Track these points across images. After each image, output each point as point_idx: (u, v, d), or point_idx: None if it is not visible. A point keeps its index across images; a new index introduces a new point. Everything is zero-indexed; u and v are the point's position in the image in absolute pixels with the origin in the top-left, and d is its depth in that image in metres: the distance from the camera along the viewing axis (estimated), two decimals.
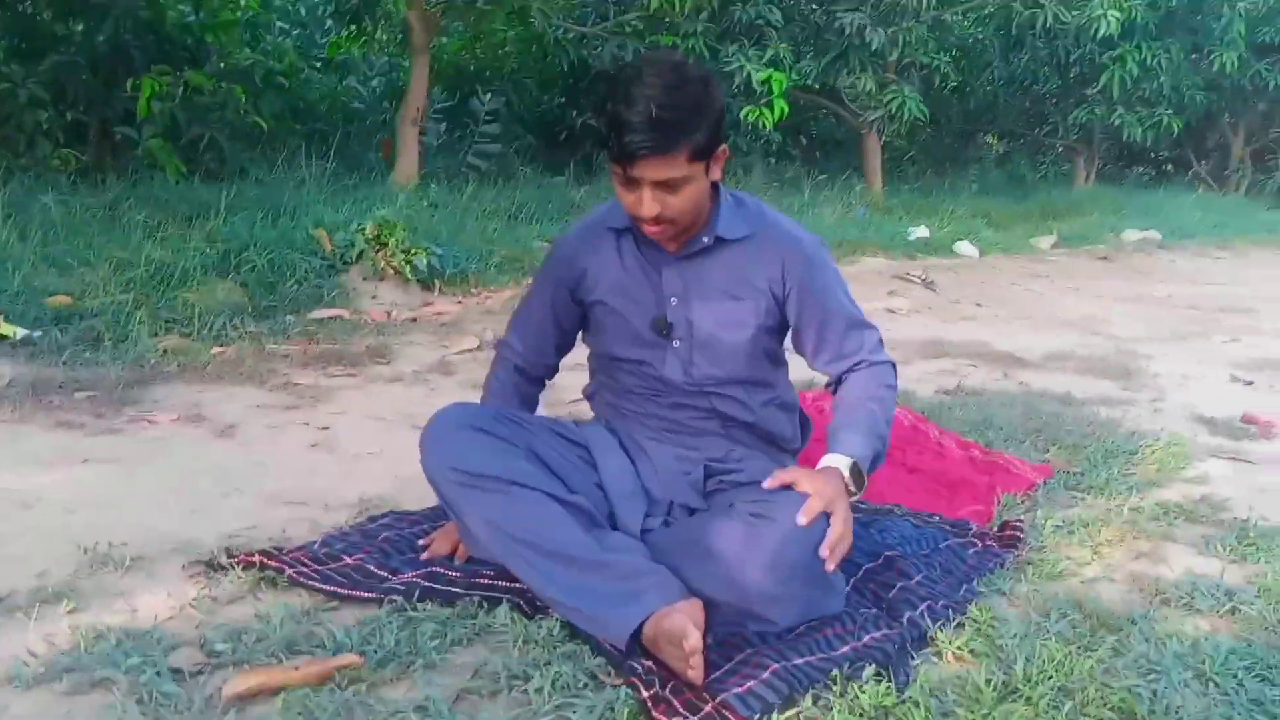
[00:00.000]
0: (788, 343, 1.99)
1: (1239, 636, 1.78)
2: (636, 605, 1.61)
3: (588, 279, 1.94)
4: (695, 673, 1.51)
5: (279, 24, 9.07)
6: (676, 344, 1.89)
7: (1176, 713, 1.50)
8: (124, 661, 1.52)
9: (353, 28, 8.43)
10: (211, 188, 5.36)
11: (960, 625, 1.78)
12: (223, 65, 7.08)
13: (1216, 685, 1.60)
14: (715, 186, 1.84)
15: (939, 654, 1.69)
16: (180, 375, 3.24)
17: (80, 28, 6.76)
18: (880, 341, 1.96)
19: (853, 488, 1.75)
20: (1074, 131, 11.70)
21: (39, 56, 6.37)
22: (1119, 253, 8.40)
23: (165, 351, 3.42)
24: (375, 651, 1.59)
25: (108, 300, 3.66)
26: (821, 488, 1.69)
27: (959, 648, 1.69)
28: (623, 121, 1.62)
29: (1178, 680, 1.60)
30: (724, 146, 1.75)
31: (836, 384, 1.96)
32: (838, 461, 1.76)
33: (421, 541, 1.99)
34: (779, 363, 1.99)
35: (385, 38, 9.70)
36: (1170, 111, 10.79)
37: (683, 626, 1.53)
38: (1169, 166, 15.66)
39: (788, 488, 1.72)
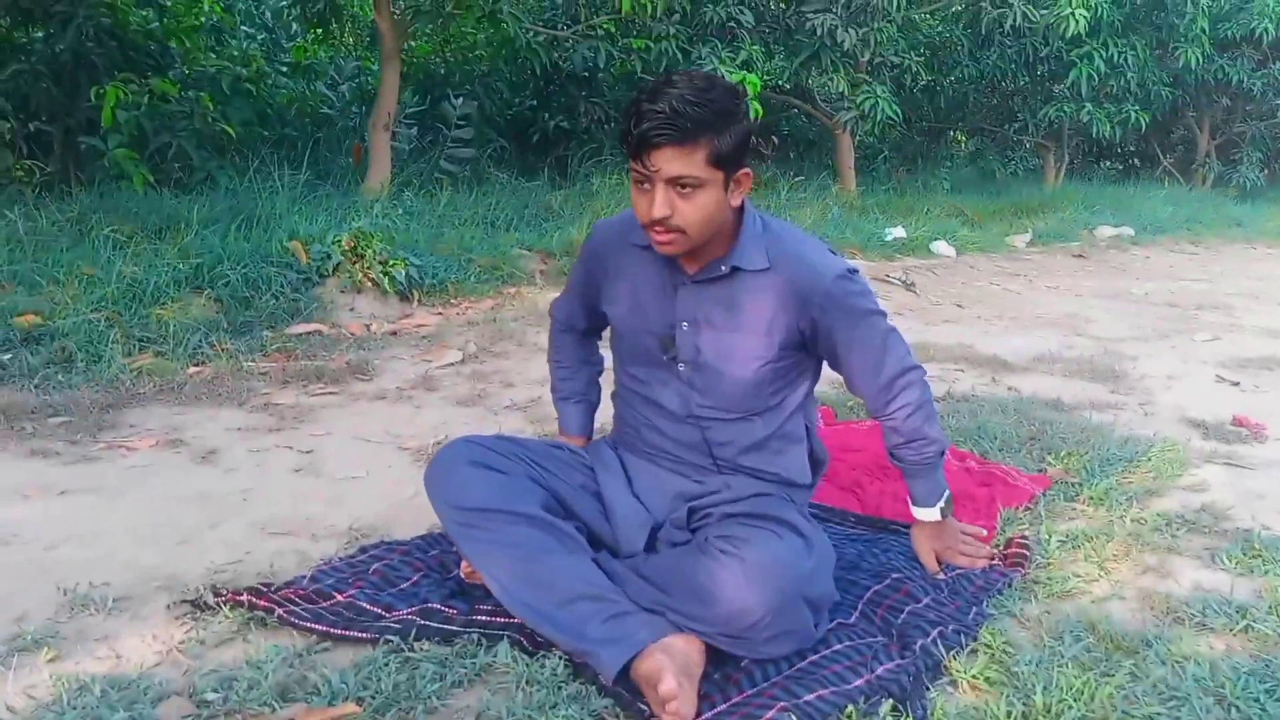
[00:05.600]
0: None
1: (1255, 656, 1.75)
2: (625, 642, 1.58)
3: (609, 282, 1.93)
4: (673, 717, 1.47)
5: (244, 28, 8.93)
6: (681, 368, 1.84)
7: None
8: (110, 716, 1.45)
9: (319, 31, 8.32)
10: (181, 199, 5.24)
11: (973, 652, 1.74)
12: (188, 72, 6.96)
13: (1239, 710, 1.57)
14: (740, 215, 1.78)
15: (954, 683, 1.65)
16: (156, 396, 3.15)
17: (41, 35, 6.61)
18: (916, 385, 1.88)
19: (945, 517, 2.04)
20: (1043, 128, 11.77)
21: None
22: (1093, 249, 8.44)
23: (140, 372, 3.33)
24: (373, 697, 1.53)
25: (79, 319, 3.55)
26: (935, 549, 2.07)
27: (974, 676, 1.65)
28: (644, 111, 1.59)
29: (1199, 706, 1.57)
30: (747, 170, 1.71)
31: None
32: (926, 515, 2.03)
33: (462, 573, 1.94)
34: (792, 391, 1.88)
35: (352, 41, 9.59)
36: (1137, 107, 10.88)
37: (657, 670, 1.51)
38: (1136, 161, 15.81)
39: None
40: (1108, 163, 15.76)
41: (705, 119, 1.59)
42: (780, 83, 8.58)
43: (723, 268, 1.77)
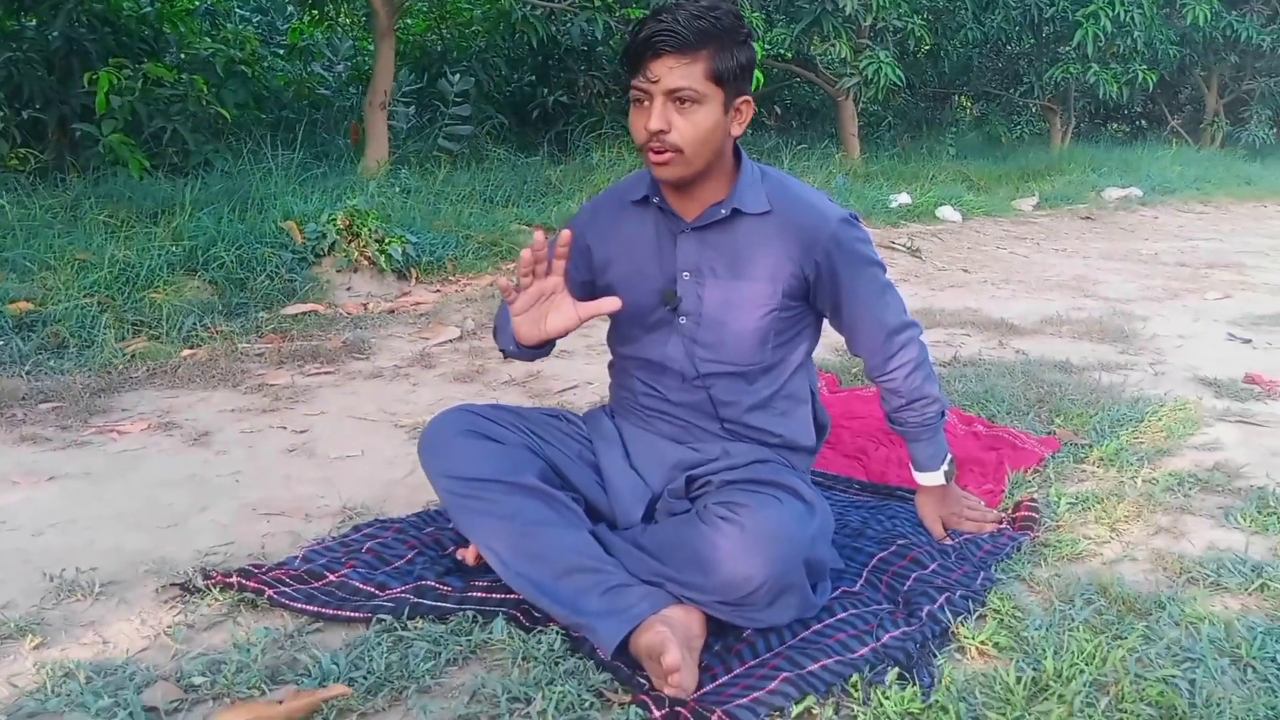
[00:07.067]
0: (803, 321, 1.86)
1: (1271, 615, 1.70)
2: (624, 615, 1.55)
3: (601, 245, 1.84)
4: (675, 690, 1.44)
5: (239, 11, 8.84)
6: (683, 321, 1.78)
7: (1217, 704, 1.42)
8: (94, 703, 1.41)
9: (314, 12, 8.23)
10: (175, 183, 5.18)
11: (981, 617, 1.69)
12: (183, 56, 6.89)
13: (1255, 671, 1.52)
14: (738, 157, 1.74)
15: (962, 650, 1.60)
16: (149, 380, 3.11)
17: (33, 23, 6.55)
18: (915, 342, 1.84)
19: (949, 480, 1.99)
20: (1049, 90, 11.61)
21: None
22: (1101, 211, 8.34)
23: (133, 356, 3.28)
24: (365, 677, 1.49)
25: (71, 305, 3.51)
26: (941, 514, 2.02)
27: (983, 642, 1.60)
28: (646, 23, 1.59)
29: (1214, 668, 1.52)
30: (749, 99, 1.67)
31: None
32: (930, 479, 1.97)
33: (458, 555, 1.89)
34: (794, 348, 1.83)
35: (348, 21, 9.49)
36: (1144, 67, 10.72)
37: (660, 642, 1.46)
38: (1143, 123, 15.64)
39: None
40: (1115, 125, 15.61)
41: (708, 30, 1.58)
42: (782, 51, 8.47)
43: (722, 211, 1.72)
